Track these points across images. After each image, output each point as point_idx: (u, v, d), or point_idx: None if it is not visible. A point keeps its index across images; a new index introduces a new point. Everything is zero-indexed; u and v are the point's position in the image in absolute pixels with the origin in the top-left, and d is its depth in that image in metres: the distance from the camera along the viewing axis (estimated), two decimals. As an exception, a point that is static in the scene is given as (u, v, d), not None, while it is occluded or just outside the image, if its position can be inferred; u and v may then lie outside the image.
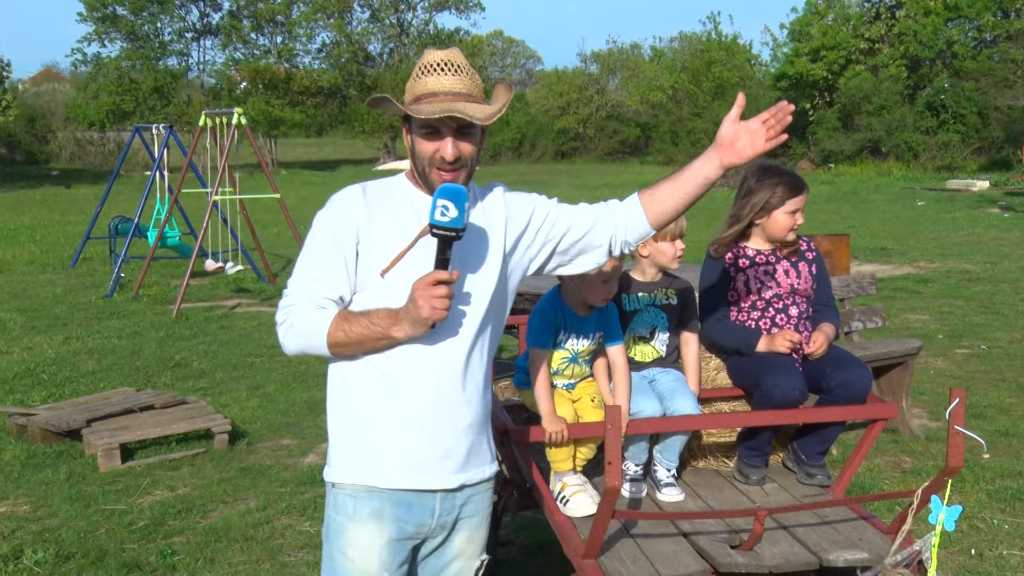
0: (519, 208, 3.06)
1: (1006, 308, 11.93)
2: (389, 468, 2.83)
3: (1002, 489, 6.06)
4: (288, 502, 6.17)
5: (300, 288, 2.84)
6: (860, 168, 38.25)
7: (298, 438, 7.52)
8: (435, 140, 2.75)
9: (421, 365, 2.80)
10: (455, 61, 2.79)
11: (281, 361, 9.97)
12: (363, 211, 2.84)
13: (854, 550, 3.60)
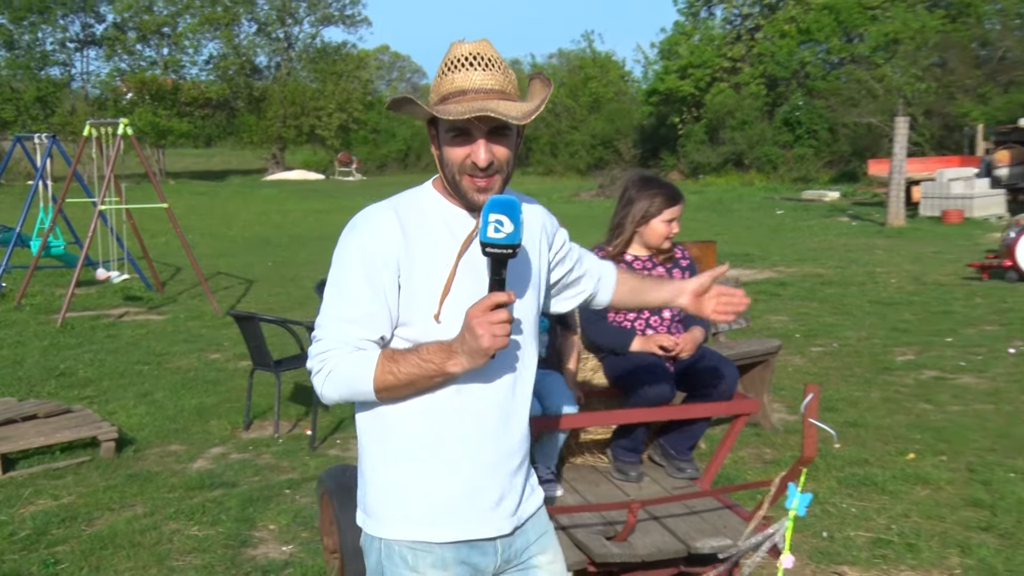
0: (556, 231, 2.74)
1: (855, 309, 12.28)
2: (444, 522, 2.45)
3: (851, 476, 6.23)
4: (176, 507, 6.00)
5: (334, 331, 2.41)
6: (725, 179, 39.02)
7: (187, 444, 7.33)
8: (466, 144, 2.33)
9: (471, 405, 2.43)
10: (485, 54, 2.36)
11: (169, 368, 9.75)
12: (401, 239, 2.40)
13: (719, 537, 3.66)
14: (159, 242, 19.13)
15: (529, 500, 2.62)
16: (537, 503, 2.66)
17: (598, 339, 4.47)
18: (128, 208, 14.33)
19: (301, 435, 7.48)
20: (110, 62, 58.13)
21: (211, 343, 10.95)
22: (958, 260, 16.24)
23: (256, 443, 7.32)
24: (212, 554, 5.31)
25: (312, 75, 58.46)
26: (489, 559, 2.52)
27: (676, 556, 3.59)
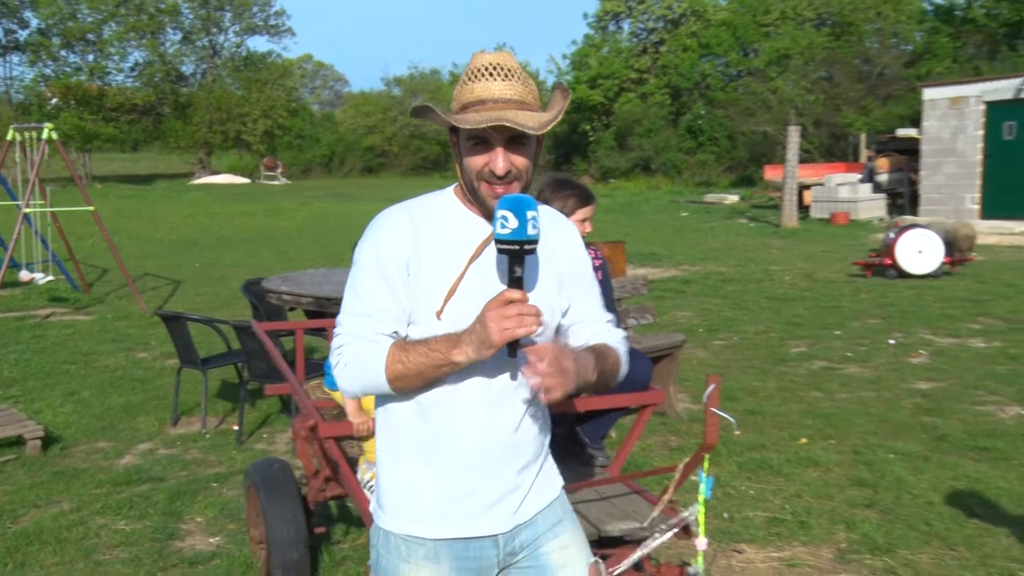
0: (582, 254, 2.61)
1: (753, 305, 12.46)
2: (435, 518, 2.41)
3: (749, 460, 6.33)
4: (104, 502, 5.86)
5: (350, 326, 2.39)
6: (633, 183, 39.33)
7: (114, 441, 7.17)
8: (484, 152, 2.29)
9: (468, 408, 2.37)
10: (505, 65, 2.32)
11: (96, 367, 9.53)
12: (411, 239, 2.37)
13: (628, 520, 3.69)
14: (85, 244, 18.71)
15: (538, 496, 2.52)
16: (549, 498, 2.55)
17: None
18: (53, 211, 14.01)
19: (228, 430, 7.36)
20: (34, 68, 56.65)
21: (138, 342, 10.73)
22: (845, 259, 16.59)
23: (184, 439, 7.19)
24: (139, 547, 5.21)
25: (237, 83, 57.67)
26: (489, 552, 2.45)
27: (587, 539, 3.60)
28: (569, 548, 2.53)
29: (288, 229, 25.10)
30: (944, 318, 11.19)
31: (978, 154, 21.80)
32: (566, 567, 2.50)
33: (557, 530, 2.52)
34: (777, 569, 4.80)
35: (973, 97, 21.86)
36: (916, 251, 14.47)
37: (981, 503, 5.53)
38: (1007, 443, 6.60)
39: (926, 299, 12.62)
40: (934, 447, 6.57)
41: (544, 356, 2.15)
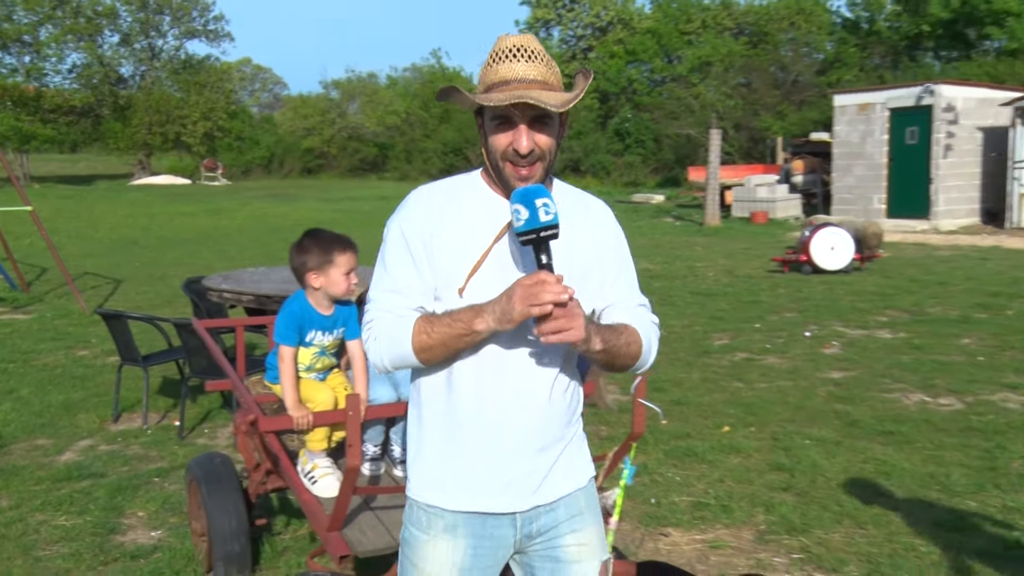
0: (618, 239, 2.58)
1: (679, 300, 12.58)
2: (455, 490, 2.38)
3: (675, 448, 6.39)
4: (43, 499, 5.71)
5: (378, 302, 2.39)
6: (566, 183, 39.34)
7: (54, 438, 7.01)
8: (508, 131, 2.25)
9: (492, 388, 2.34)
10: (529, 46, 2.28)
11: (35, 366, 9.31)
12: (435, 216, 2.37)
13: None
14: (23, 244, 18.29)
15: (561, 481, 2.45)
16: (572, 486, 2.47)
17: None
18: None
19: (169, 426, 7.24)
20: (-32, 69, 55.00)
21: (79, 340, 10.50)
22: (764, 255, 16.82)
23: (125, 435, 7.05)
24: (80, 542, 5.09)
25: (177, 85, 56.73)
26: (507, 531, 2.40)
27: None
28: (586, 545, 2.47)
29: (228, 229, 24.78)
30: (854, 311, 11.40)
31: (884, 157, 22.24)
32: (581, 562, 2.45)
33: (576, 523, 2.46)
34: (701, 551, 4.86)
35: (879, 104, 22.29)
36: (829, 248, 14.72)
37: (888, 484, 5.66)
38: (911, 427, 6.75)
39: (838, 293, 12.85)
40: (845, 432, 6.68)
41: None
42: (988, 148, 21.78)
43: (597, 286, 2.44)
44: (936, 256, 16.96)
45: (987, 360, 8.75)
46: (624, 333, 2.38)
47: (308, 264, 3.95)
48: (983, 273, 14.47)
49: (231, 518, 4.42)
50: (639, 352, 2.42)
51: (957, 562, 4.61)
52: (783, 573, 4.59)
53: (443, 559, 2.37)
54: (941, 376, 8.23)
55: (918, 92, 21.67)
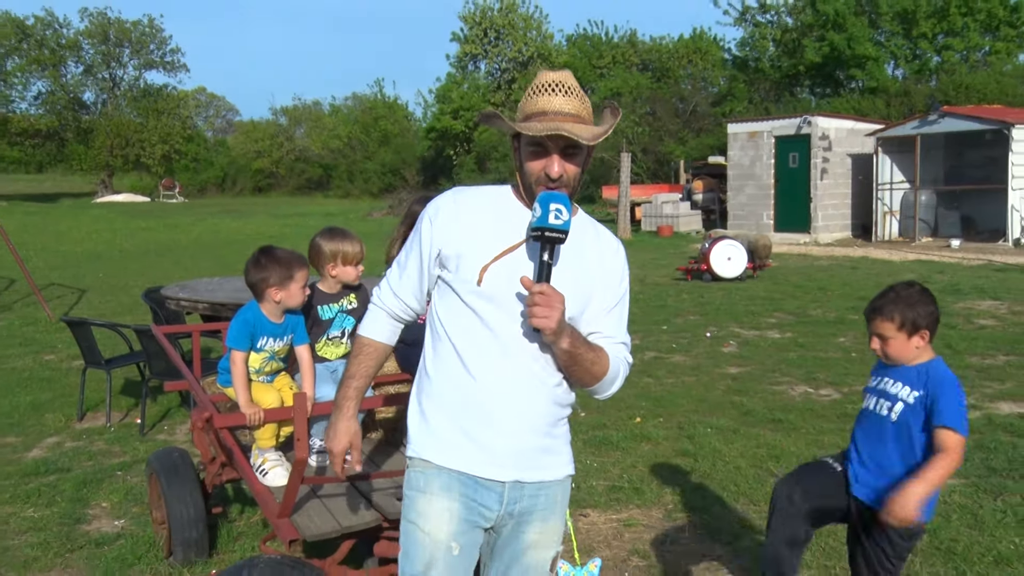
0: (622, 277, 2.56)
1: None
2: (449, 450, 2.38)
3: (593, 437, 6.42)
4: (12, 492, 5.54)
5: (384, 281, 2.59)
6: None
7: (22, 436, 6.80)
8: (542, 158, 2.30)
9: (493, 360, 2.35)
10: (566, 83, 2.32)
11: (4, 369, 9.02)
12: (452, 216, 2.40)
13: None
14: (-5, 257, 17.73)
15: (545, 467, 2.45)
16: (553, 475, 2.47)
17: (394, 332, 4.38)
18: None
19: (131, 424, 7.07)
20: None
21: (45, 346, 10.21)
22: (670, 265, 17.00)
23: (89, 432, 6.87)
24: (48, 532, 4.94)
25: (136, 112, 55.67)
26: (493, 502, 2.40)
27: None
28: (548, 534, 2.49)
29: (185, 242, 24.32)
30: (748, 314, 11.58)
31: (771, 179, 22.67)
32: (537, 548, 2.47)
33: (547, 513, 2.48)
34: (616, 529, 4.88)
35: (766, 132, 22.73)
36: (726, 258, 14.94)
37: (777, 464, 5.73)
38: (796, 416, 6.87)
39: (734, 298, 13.04)
40: (741, 421, 6.78)
41: (542, 288, 2.20)
42: (856, 172, 22.34)
43: (593, 313, 2.44)
44: (816, 265, 17.30)
45: (859, 356, 8.94)
46: (595, 351, 2.39)
47: (270, 280, 3.91)
48: (855, 279, 14.79)
49: (189, 507, 4.37)
50: (602, 374, 2.41)
51: (836, 529, 4.70)
52: (687, 546, 4.63)
53: (440, 514, 2.38)
54: (821, 370, 8.39)
55: (798, 122, 22.14)
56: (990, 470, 5.59)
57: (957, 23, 29.86)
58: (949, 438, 3.03)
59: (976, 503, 5.06)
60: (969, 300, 12.33)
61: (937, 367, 3.20)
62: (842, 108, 27.81)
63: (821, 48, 31.19)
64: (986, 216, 21.13)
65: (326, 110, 61.57)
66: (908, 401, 3.17)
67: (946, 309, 11.53)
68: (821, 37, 31.40)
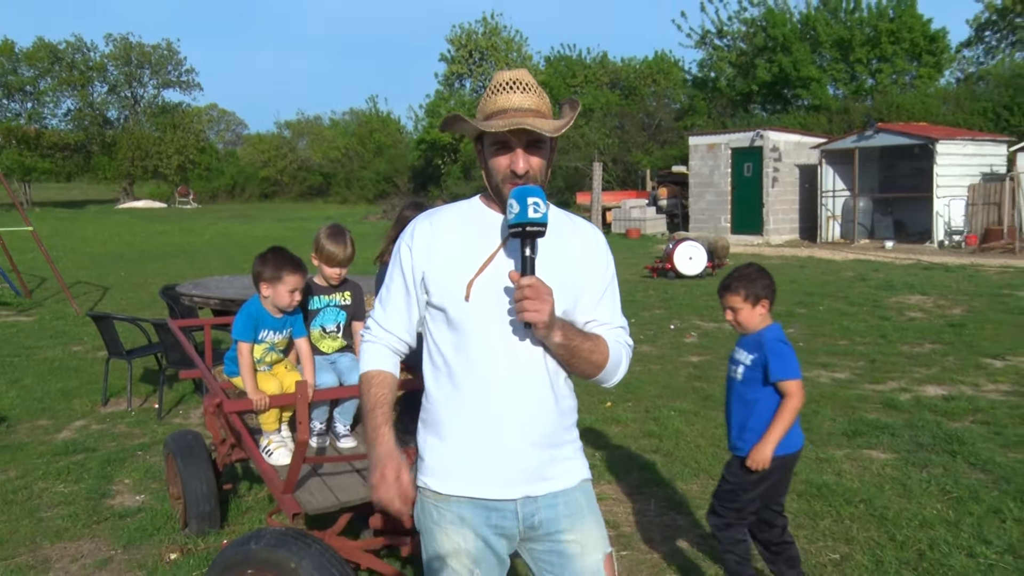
0: (606, 263, 2.30)
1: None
2: (455, 478, 2.15)
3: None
4: (45, 470, 5.51)
5: (373, 315, 2.28)
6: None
7: (53, 419, 6.75)
8: (506, 154, 2.09)
9: (491, 376, 2.12)
10: (523, 80, 2.12)
11: (37, 359, 8.95)
12: (430, 240, 2.17)
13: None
14: (27, 258, 17.54)
15: (554, 477, 2.19)
16: (565, 483, 2.21)
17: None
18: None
19: (150, 409, 7.03)
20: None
21: (73, 338, 10.12)
22: (638, 264, 17.01)
23: (112, 416, 6.82)
24: (76, 505, 4.92)
25: (155, 126, 55.35)
26: (510, 522, 2.16)
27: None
28: (587, 541, 2.20)
29: (198, 244, 24.16)
30: (708, 308, 11.61)
31: (728, 186, 22.75)
32: (584, 556, 2.18)
33: (576, 520, 2.20)
34: (587, 501, 4.88)
35: (723, 144, 22.80)
36: (688, 258, 14.98)
37: (735, 445, 5.77)
38: (752, 400, 6.90)
39: (695, 294, 13.08)
40: (702, 404, 6.79)
41: (529, 281, 2.00)
42: (803, 181, 22.45)
43: (586, 303, 2.21)
44: (768, 264, 17.25)
45: (806, 345, 9.00)
46: (592, 340, 2.17)
47: (263, 274, 3.88)
48: (802, 277, 14.87)
49: (202, 484, 4.36)
50: (603, 363, 2.19)
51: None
52: (653, 518, 4.65)
53: (458, 546, 2.15)
54: (772, 358, 8.42)
55: (752, 136, 22.22)
56: (917, 445, 5.64)
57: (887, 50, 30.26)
58: (786, 386, 3.39)
59: (905, 475, 5.10)
60: (900, 295, 12.43)
61: (766, 332, 3.49)
62: (790, 123, 27.94)
63: (771, 70, 31.41)
64: (915, 220, 21.30)
65: (326, 124, 61.40)
66: (747, 363, 3.49)
67: (880, 303, 11.63)
68: (771, 60, 31.60)
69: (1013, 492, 4.76)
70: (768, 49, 31.94)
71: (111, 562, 4.24)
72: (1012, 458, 5.35)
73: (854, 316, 10.69)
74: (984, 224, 19.31)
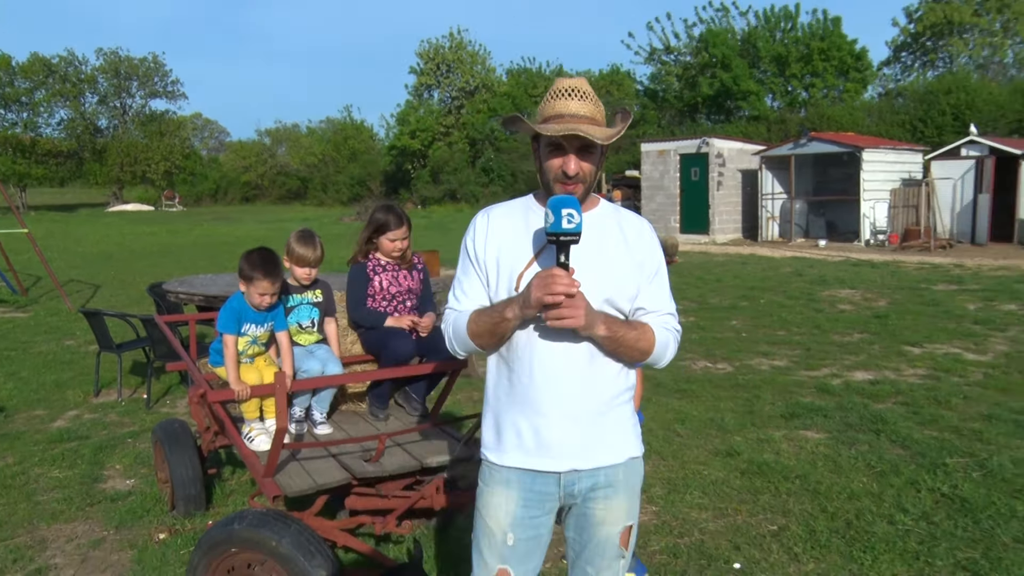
0: (651, 252, 2.27)
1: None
2: (505, 448, 2.20)
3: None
4: (41, 456, 5.41)
5: (451, 301, 2.27)
6: (444, 208, 39.16)
7: (48, 409, 6.62)
8: (559, 156, 2.10)
9: (538, 358, 2.13)
10: (581, 88, 2.12)
11: (32, 353, 8.76)
12: (491, 232, 2.22)
13: (442, 455, 3.67)
14: (23, 258, 17.15)
15: (600, 453, 2.19)
16: (610, 460, 2.21)
17: (361, 320, 4.31)
18: (-6, 233, 12.81)
19: (139, 399, 6.91)
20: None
21: (66, 333, 9.92)
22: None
23: (104, 406, 6.70)
24: (71, 489, 4.83)
25: (143, 134, 54.41)
26: (552, 488, 2.19)
27: (413, 469, 3.58)
28: (614, 511, 2.24)
29: (184, 244, 23.80)
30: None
31: (677, 189, 22.89)
32: (604, 524, 2.23)
33: (610, 492, 2.22)
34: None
35: (672, 151, 22.94)
36: (638, 255, 15.02)
37: (682, 427, 5.80)
38: (697, 386, 6.95)
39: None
40: (653, 391, 6.78)
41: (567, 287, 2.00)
42: (745, 184, 22.67)
43: (632, 292, 2.20)
44: (714, 261, 17.49)
45: (748, 335, 9.09)
46: (637, 329, 2.16)
47: (242, 271, 3.83)
48: (744, 273, 14.99)
49: (188, 468, 4.32)
50: (650, 349, 2.18)
51: (728, 478, 4.79)
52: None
53: (499, 506, 2.21)
54: (718, 348, 8.49)
55: (698, 143, 22.38)
56: (847, 425, 5.74)
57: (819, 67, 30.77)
58: None
59: (836, 452, 5.19)
60: (832, 289, 12.61)
61: None
62: (733, 132, 28.22)
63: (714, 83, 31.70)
64: (845, 221, 21.61)
65: (304, 131, 60.83)
66: None
67: (814, 296, 11.80)
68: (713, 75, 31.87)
69: (928, 465, 4.87)
70: (710, 65, 32.22)
71: (104, 542, 4.18)
72: (927, 435, 5.46)
73: (791, 308, 10.82)
74: (904, 224, 19.66)
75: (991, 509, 4.23)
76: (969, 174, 19.18)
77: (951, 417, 5.85)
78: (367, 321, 4.32)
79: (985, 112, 24.68)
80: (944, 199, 19.51)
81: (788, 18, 31.59)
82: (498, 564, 2.22)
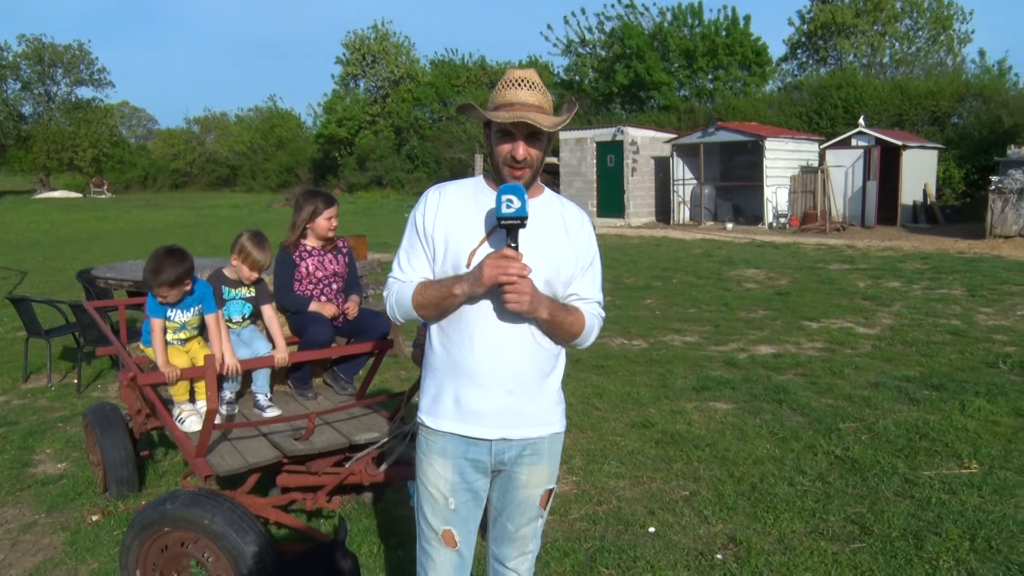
0: (588, 244, 2.29)
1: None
2: (442, 415, 2.20)
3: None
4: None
5: (395, 271, 2.25)
6: (371, 194, 38.60)
7: (-29, 397, 6.28)
8: (509, 142, 2.12)
9: (479, 330, 2.14)
10: (530, 79, 2.15)
11: (-46, 340, 8.29)
12: (440, 207, 2.20)
13: (370, 432, 3.64)
14: (-58, 245, 16.21)
15: (529, 426, 2.23)
16: (538, 432, 2.25)
17: (288, 305, 4.24)
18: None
19: (69, 384, 6.63)
20: None
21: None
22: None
23: (33, 392, 6.40)
24: (0, 475, 4.61)
25: (69, 122, 51.78)
26: (484, 457, 2.22)
27: (342, 447, 3.53)
28: (536, 475, 2.29)
29: (113, 231, 22.84)
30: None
31: (594, 175, 23.10)
32: (527, 487, 2.29)
33: (535, 459, 2.27)
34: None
35: (589, 138, 23.12)
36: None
37: (600, 401, 5.87)
38: (614, 362, 7.03)
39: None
40: (572, 367, 6.76)
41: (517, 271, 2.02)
42: (657, 171, 23.04)
43: (567, 277, 2.23)
44: (629, 244, 17.67)
45: (661, 314, 9.25)
46: (572, 313, 2.22)
47: (146, 269, 3.66)
48: (658, 255, 15.23)
49: (120, 451, 4.18)
50: (580, 332, 2.25)
51: (643, 448, 4.88)
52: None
53: (438, 475, 2.24)
54: (634, 325, 8.59)
55: (613, 132, 22.61)
56: (752, 396, 5.91)
57: (724, 60, 31.44)
58: None
59: (742, 421, 5.34)
60: (739, 269, 12.94)
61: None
62: (646, 121, 28.60)
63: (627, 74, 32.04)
64: (750, 205, 22.22)
65: (232, 120, 58.98)
66: None
67: (723, 276, 12.10)
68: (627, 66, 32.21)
69: (823, 431, 5.07)
70: (624, 57, 32.54)
71: (35, 525, 4.00)
72: (823, 403, 5.68)
73: (701, 288, 11.05)
74: (803, 209, 20.33)
75: (876, 468, 4.44)
76: (859, 163, 19.95)
77: (844, 386, 6.10)
78: (293, 306, 4.23)
79: (871, 106, 25.65)
80: (838, 185, 20.24)
81: (694, 14, 32.13)
82: (443, 526, 2.27)
